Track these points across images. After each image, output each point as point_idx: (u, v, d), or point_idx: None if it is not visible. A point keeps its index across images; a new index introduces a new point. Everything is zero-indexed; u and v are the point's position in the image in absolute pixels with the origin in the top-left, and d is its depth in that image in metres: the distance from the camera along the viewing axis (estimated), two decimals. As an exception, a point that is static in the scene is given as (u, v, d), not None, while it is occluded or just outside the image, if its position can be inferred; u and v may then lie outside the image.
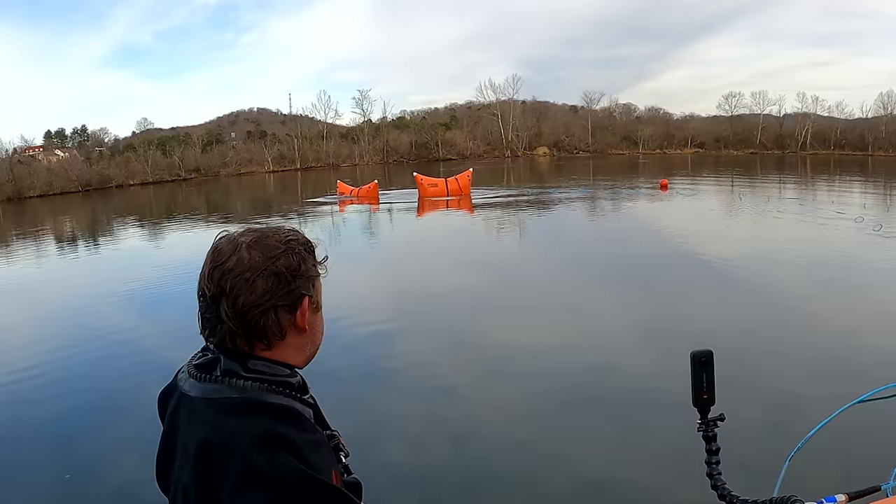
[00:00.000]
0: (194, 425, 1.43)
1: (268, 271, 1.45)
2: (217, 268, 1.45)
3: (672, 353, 8.05)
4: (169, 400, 1.56)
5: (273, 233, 1.52)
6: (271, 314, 1.46)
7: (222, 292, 1.44)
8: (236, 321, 1.44)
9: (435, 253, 18.97)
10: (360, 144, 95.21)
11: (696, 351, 1.83)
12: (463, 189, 35.81)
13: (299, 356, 1.56)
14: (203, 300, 1.48)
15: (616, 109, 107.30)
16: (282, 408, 1.41)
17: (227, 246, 1.48)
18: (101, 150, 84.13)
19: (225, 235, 1.53)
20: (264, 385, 1.44)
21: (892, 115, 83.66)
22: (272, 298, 1.46)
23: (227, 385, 1.44)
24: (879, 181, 41.25)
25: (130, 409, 7.75)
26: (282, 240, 1.51)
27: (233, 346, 1.48)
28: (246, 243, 1.47)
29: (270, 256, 1.46)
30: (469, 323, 11.07)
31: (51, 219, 41.38)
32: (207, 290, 1.46)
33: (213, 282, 1.45)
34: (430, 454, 6.47)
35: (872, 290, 11.75)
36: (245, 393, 1.42)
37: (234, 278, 1.44)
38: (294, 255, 1.50)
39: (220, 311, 1.45)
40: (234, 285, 1.43)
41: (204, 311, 1.49)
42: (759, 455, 5.00)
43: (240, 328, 1.45)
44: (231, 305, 1.44)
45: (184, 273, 16.02)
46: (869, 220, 19.35)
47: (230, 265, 1.44)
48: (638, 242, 18.57)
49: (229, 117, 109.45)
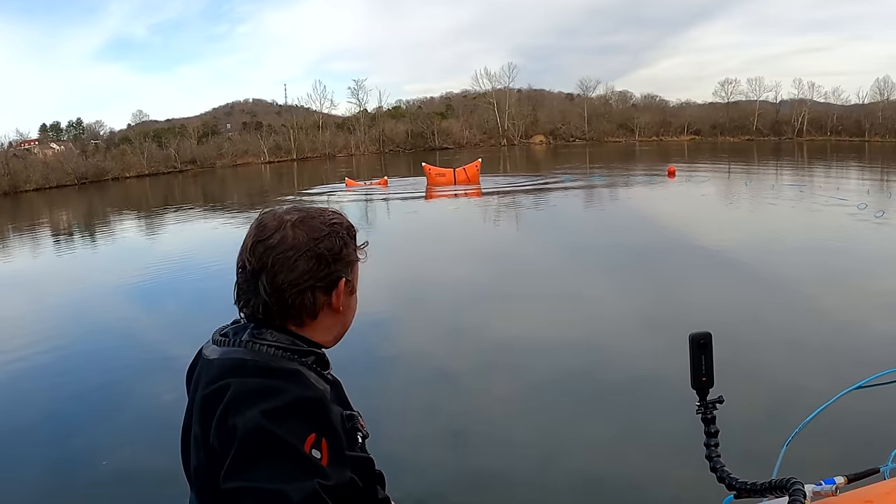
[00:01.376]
0: (205, 381, 1.45)
1: (310, 252, 1.48)
2: (260, 242, 1.48)
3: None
4: (193, 370, 1.59)
5: (318, 213, 1.55)
6: (308, 294, 1.49)
7: (263, 267, 1.46)
8: (273, 297, 1.47)
9: (458, 242, 18.87)
10: (356, 134, 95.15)
11: (695, 333, 1.82)
12: (471, 179, 35.91)
13: (328, 335, 1.58)
14: (242, 272, 1.51)
15: (612, 97, 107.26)
16: (286, 370, 1.42)
17: (273, 222, 1.50)
18: (97, 143, 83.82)
19: (270, 211, 1.55)
20: (279, 351, 1.45)
21: (889, 101, 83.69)
22: (311, 279, 1.48)
23: (245, 348, 1.46)
24: (879, 167, 41.18)
25: (129, 403, 7.76)
26: (326, 222, 1.53)
27: (264, 318, 1.50)
28: (291, 222, 1.49)
29: (315, 238, 1.49)
30: (499, 310, 11.06)
31: (47, 212, 41.26)
32: (248, 263, 1.49)
33: (255, 256, 1.47)
34: (428, 445, 6.46)
35: (874, 277, 11.73)
36: (258, 356, 1.43)
37: (276, 255, 1.46)
38: (337, 238, 1.53)
39: (258, 286, 1.47)
40: (275, 262, 1.46)
41: (241, 283, 1.52)
42: (757, 438, 5.01)
43: (275, 304, 1.48)
44: (270, 282, 1.46)
45: (181, 265, 16.07)
46: (871, 207, 19.30)
47: (273, 242, 1.47)
48: (648, 231, 18.52)
49: (225, 108, 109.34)
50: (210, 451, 1.37)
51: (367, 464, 1.52)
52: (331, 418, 1.38)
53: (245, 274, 1.49)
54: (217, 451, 1.35)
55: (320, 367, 1.51)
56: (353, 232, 1.58)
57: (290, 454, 1.29)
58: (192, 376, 1.57)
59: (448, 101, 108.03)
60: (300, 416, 1.33)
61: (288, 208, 1.54)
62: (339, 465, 1.36)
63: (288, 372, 1.41)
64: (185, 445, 1.53)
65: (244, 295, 1.50)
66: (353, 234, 1.58)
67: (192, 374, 1.58)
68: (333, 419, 1.39)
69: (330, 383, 1.51)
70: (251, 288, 1.48)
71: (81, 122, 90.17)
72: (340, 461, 1.37)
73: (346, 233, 1.55)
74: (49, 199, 51.66)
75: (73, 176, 67.38)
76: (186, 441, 1.52)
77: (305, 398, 1.36)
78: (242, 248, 1.50)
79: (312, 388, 1.41)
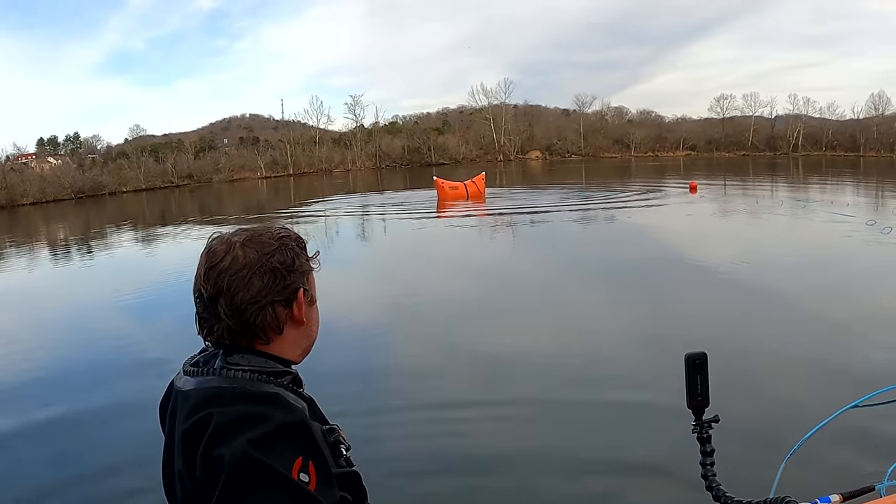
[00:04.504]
0: (183, 414, 1.45)
1: (263, 268, 1.48)
2: (213, 268, 1.48)
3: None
4: (167, 405, 1.58)
5: (265, 230, 1.56)
6: (269, 309, 1.49)
7: (219, 291, 1.47)
8: (235, 319, 1.47)
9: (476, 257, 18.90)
10: (353, 150, 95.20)
11: (691, 353, 1.84)
12: (481, 191, 35.97)
13: (296, 350, 1.59)
14: (200, 301, 1.51)
15: (608, 113, 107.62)
16: (266, 394, 1.42)
17: (221, 246, 1.51)
18: (94, 158, 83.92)
19: (217, 236, 1.56)
20: (254, 375, 1.45)
21: (884, 116, 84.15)
22: (269, 294, 1.49)
23: (220, 376, 1.46)
24: (882, 182, 41.35)
25: (127, 417, 7.72)
26: (274, 236, 1.54)
27: (230, 343, 1.50)
28: (239, 242, 1.50)
29: (265, 253, 1.50)
30: (521, 322, 11.13)
31: (44, 226, 41.21)
32: (204, 290, 1.49)
33: (210, 282, 1.48)
34: (423, 458, 6.45)
35: (878, 293, 11.75)
36: (235, 383, 1.43)
37: (230, 277, 1.46)
38: (288, 250, 1.53)
39: (218, 310, 1.47)
40: (230, 284, 1.46)
41: (201, 312, 1.52)
42: (754, 457, 5.01)
43: (238, 325, 1.48)
44: (229, 303, 1.46)
45: (178, 279, 16.04)
46: (880, 224, 19.30)
47: (225, 264, 1.47)
48: (675, 246, 18.53)
49: (222, 123, 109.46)
50: (197, 483, 1.37)
51: (354, 478, 1.52)
52: (315, 439, 1.39)
53: (203, 301, 1.49)
54: (204, 483, 1.35)
55: (296, 386, 1.52)
56: (302, 243, 1.59)
57: (280, 483, 1.30)
58: (167, 410, 1.56)
59: (444, 116, 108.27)
60: (286, 440, 1.34)
61: (235, 231, 1.55)
62: (328, 486, 1.36)
63: (268, 396, 1.41)
64: (168, 482, 1.53)
65: (206, 323, 1.51)
66: (303, 246, 1.59)
67: (165, 408, 1.58)
68: (318, 439, 1.40)
69: (305, 400, 1.50)
70: (212, 314, 1.48)
71: (79, 136, 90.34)
72: (328, 482, 1.37)
73: (296, 244, 1.56)
74: (46, 214, 51.61)
75: (70, 190, 67.31)
76: (169, 477, 1.52)
77: (289, 423, 1.36)
78: (196, 276, 1.51)
79: (293, 410, 1.40)
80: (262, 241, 1.51)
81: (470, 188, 36.01)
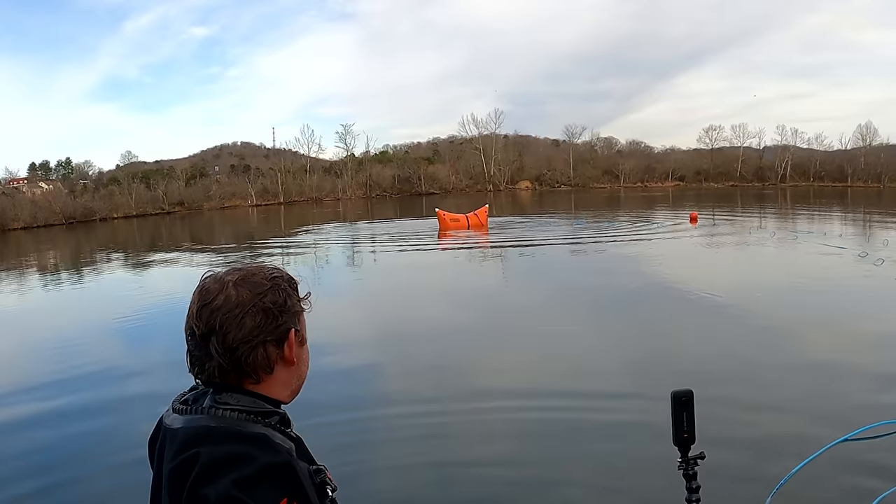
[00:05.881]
0: (171, 452, 1.45)
1: (256, 308, 1.49)
2: (205, 306, 1.49)
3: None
4: (156, 441, 1.58)
5: (258, 270, 1.57)
6: (260, 349, 1.50)
7: (212, 330, 1.47)
8: (226, 357, 1.48)
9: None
10: (344, 178, 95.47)
11: (677, 390, 1.86)
12: (483, 223, 35.88)
13: (286, 390, 1.59)
14: (192, 339, 1.52)
15: (597, 143, 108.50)
16: (253, 435, 1.43)
17: (214, 285, 1.52)
18: (86, 183, 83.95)
19: (210, 275, 1.56)
20: (242, 415, 1.46)
21: (871, 147, 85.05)
22: (261, 334, 1.49)
23: (209, 415, 1.47)
24: (870, 212, 41.69)
25: (114, 449, 7.64)
26: (267, 277, 1.55)
27: (221, 381, 1.51)
28: (232, 282, 1.51)
29: (258, 293, 1.50)
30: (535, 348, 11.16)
31: (35, 251, 40.98)
32: (196, 328, 1.49)
33: (202, 320, 1.48)
34: (414, 487, 6.42)
35: (874, 324, 11.80)
36: (223, 422, 1.45)
37: (223, 316, 1.47)
38: (280, 291, 1.54)
39: (210, 349, 1.48)
40: (223, 322, 1.47)
41: (193, 350, 1.53)
42: (740, 493, 5.01)
43: (229, 364, 1.49)
44: (221, 342, 1.47)
45: (169, 307, 15.96)
46: (872, 255, 19.40)
47: (218, 303, 1.48)
48: (668, 276, 18.59)
49: (213, 151, 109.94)
50: None
51: None
52: (301, 481, 1.40)
53: (195, 340, 1.50)
54: None
55: (284, 426, 1.53)
56: (294, 284, 1.60)
57: None
58: (156, 446, 1.57)
59: (435, 146, 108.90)
60: (271, 482, 1.35)
61: (228, 270, 1.57)
62: None
63: (255, 436, 1.42)
64: None
65: (197, 361, 1.52)
66: (295, 286, 1.60)
67: (154, 444, 1.58)
68: (303, 480, 1.41)
69: (293, 440, 1.52)
70: (203, 352, 1.49)
71: (70, 161, 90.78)
72: None
73: (288, 285, 1.57)
74: (37, 239, 51.35)
75: (61, 215, 67.03)
76: None
77: (275, 464, 1.37)
78: (188, 314, 1.52)
79: (280, 451, 1.41)
80: (254, 280, 1.53)
81: (472, 220, 35.76)
